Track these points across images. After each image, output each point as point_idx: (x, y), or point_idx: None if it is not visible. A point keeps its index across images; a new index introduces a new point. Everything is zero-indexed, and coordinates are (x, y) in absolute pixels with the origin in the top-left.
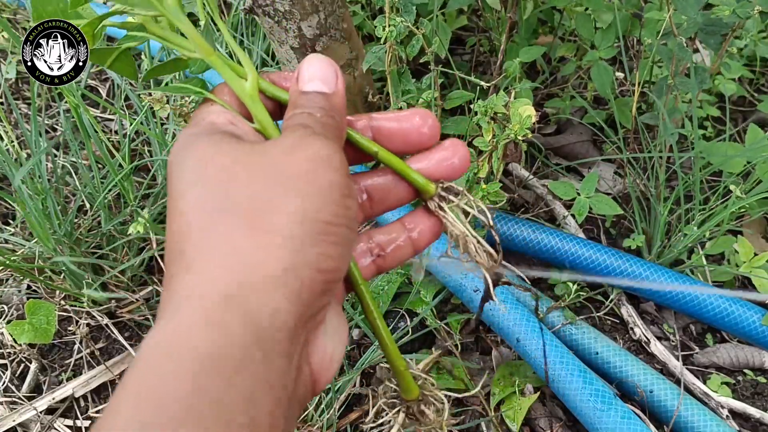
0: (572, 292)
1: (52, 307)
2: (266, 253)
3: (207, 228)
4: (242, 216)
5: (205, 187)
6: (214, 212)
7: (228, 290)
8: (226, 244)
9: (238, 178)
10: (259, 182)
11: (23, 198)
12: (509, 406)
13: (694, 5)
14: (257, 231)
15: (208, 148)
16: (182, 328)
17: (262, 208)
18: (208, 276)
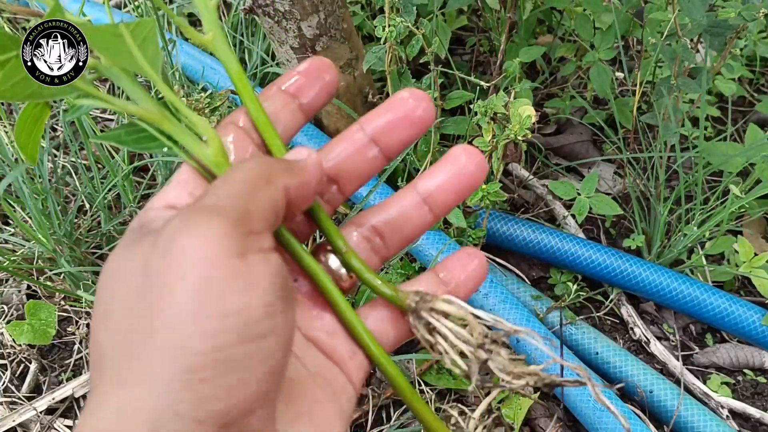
0: (572, 292)
1: (52, 308)
2: (132, 415)
3: (99, 372)
4: (117, 359)
5: (114, 319)
6: (104, 355)
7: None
8: (103, 400)
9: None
10: (140, 298)
11: (23, 198)
12: (509, 406)
13: (700, 7)
14: (125, 383)
15: (128, 260)
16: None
17: (137, 342)
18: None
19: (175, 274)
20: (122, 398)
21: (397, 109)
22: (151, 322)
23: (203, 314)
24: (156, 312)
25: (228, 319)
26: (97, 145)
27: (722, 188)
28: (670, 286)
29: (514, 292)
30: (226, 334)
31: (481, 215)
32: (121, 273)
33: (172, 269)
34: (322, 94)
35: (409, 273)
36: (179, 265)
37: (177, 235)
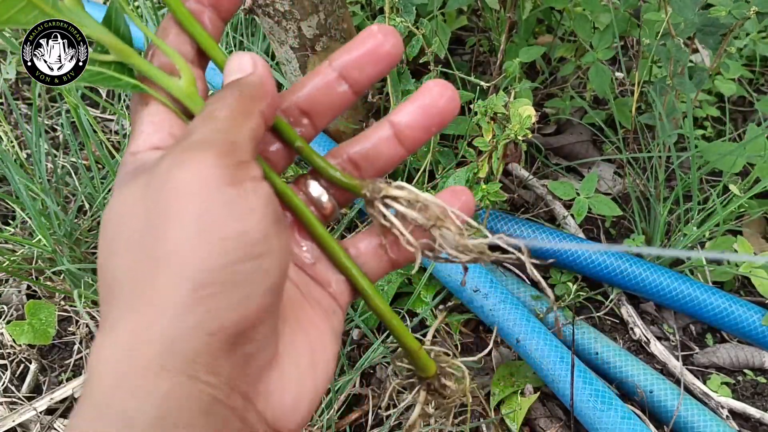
0: (572, 292)
1: (52, 308)
2: (146, 335)
3: (110, 303)
4: (128, 288)
5: (120, 253)
6: (113, 287)
7: (110, 386)
8: (117, 325)
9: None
10: (144, 231)
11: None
12: (509, 406)
13: (692, 6)
14: (138, 303)
15: (127, 200)
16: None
17: (145, 271)
18: (102, 358)
19: (176, 205)
20: (135, 321)
21: (365, 45)
22: (157, 250)
23: (206, 239)
24: (161, 241)
25: (228, 242)
26: (97, 145)
27: (720, 188)
28: (670, 286)
29: (514, 292)
30: (228, 254)
31: (481, 215)
32: (122, 211)
33: (171, 201)
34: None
35: (409, 273)
36: (178, 198)
37: (173, 170)
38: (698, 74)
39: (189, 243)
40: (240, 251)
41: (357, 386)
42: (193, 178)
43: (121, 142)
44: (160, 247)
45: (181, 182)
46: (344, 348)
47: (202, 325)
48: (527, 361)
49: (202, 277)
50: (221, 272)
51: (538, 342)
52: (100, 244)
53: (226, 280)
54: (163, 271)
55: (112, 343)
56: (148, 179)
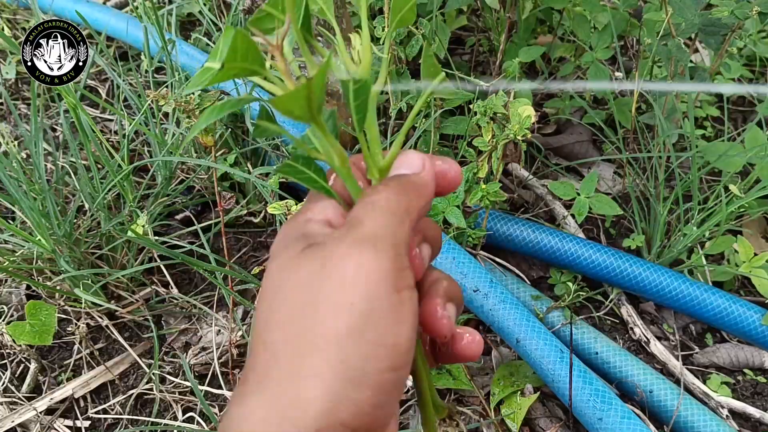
0: (572, 292)
1: (52, 308)
2: (302, 407)
3: (271, 364)
4: (289, 356)
5: (282, 325)
6: (275, 353)
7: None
8: (276, 390)
9: (303, 306)
10: (309, 313)
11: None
12: (509, 407)
13: (692, 7)
14: (296, 376)
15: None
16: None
17: (304, 348)
18: (256, 418)
19: (343, 298)
20: (291, 390)
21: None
22: (317, 332)
23: (364, 339)
24: (321, 326)
25: (382, 349)
26: (96, 145)
27: (720, 187)
28: (670, 286)
29: (514, 292)
30: (380, 360)
31: (481, 215)
32: (287, 284)
33: (339, 292)
34: None
35: None
36: (346, 291)
37: (346, 262)
38: (699, 74)
39: (347, 338)
40: (391, 360)
41: None
42: (363, 275)
43: (120, 142)
44: (321, 330)
45: (352, 276)
46: None
47: (349, 420)
48: (527, 361)
49: (353, 375)
50: (372, 376)
51: (538, 342)
52: (262, 305)
53: (373, 383)
54: (320, 354)
55: (267, 404)
56: (321, 262)
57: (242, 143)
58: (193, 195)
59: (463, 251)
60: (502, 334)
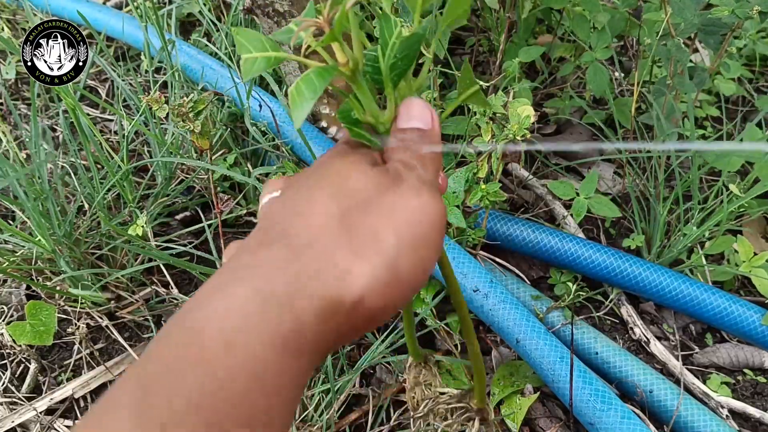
0: (572, 292)
1: (52, 308)
2: (351, 279)
3: (324, 231)
4: (352, 238)
5: (336, 199)
6: (334, 224)
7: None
8: (329, 254)
9: (363, 206)
10: (376, 219)
11: (22, 199)
12: (509, 406)
13: (691, 6)
14: (357, 255)
15: (356, 167)
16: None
17: (370, 242)
18: (300, 265)
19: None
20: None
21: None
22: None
23: (424, 258)
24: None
25: (430, 271)
26: (96, 146)
27: (719, 187)
28: (670, 286)
29: (513, 292)
30: (422, 275)
31: (481, 215)
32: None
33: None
34: None
35: None
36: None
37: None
38: (699, 74)
39: (406, 249)
40: (424, 273)
41: (357, 386)
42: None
43: (120, 142)
44: (389, 236)
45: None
46: (344, 348)
47: (385, 303)
48: (527, 361)
49: (400, 275)
50: (411, 282)
51: (538, 342)
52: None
53: (410, 289)
54: (382, 247)
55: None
56: (387, 186)
57: (242, 143)
58: (193, 195)
59: (463, 251)
60: (502, 334)
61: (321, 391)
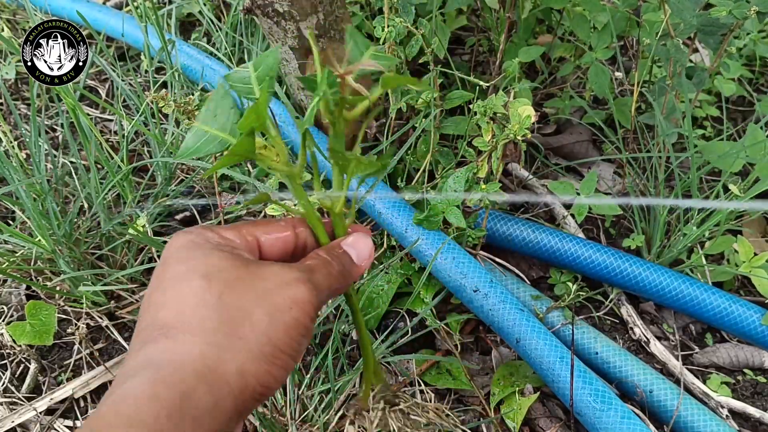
0: (572, 292)
1: (52, 308)
2: (232, 354)
3: (197, 314)
4: (226, 320)
5: (206, 286)
6: (207, 308)
7: (192, 370)
8: (209, 335)
9: (233, 291)
10: (249, 300)
11: (22, 199)
12: (509, 406)
13: (690, 7)
14: (233, 335)
15: (222, 260)
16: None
17: (242, 320)
18: (185, 349)
19: (289, 304)
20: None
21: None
22: (254, 313)
23: (293, 335)
24: (263, 309)
25: (300, 347)
26: (96, 146)
27: (719, 187)
28: (670, 286)
29: (513, 292)
30: (293, 350)
31: (481, 215)
32: (220, 267)
33: (286, 300)
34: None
35: (409, 273)
36: (296, 302)
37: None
38: (698, 74)
39: (278, 328)
40: (297, 353)
41: (357, 386)
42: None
43: (120, 142)
44: (260, 314)
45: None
46: (344, 348)
47: (264, 376)
48: (527, 361)
49: (275, 351)
50: (284, 355)
51: (538, 342)
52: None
53: (282, 360)
54: (256, 326)
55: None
56: (256, 269)
57: None
58: (193, 195)
59: (463, 251)
60: (502, 334)
61: (321, 392)
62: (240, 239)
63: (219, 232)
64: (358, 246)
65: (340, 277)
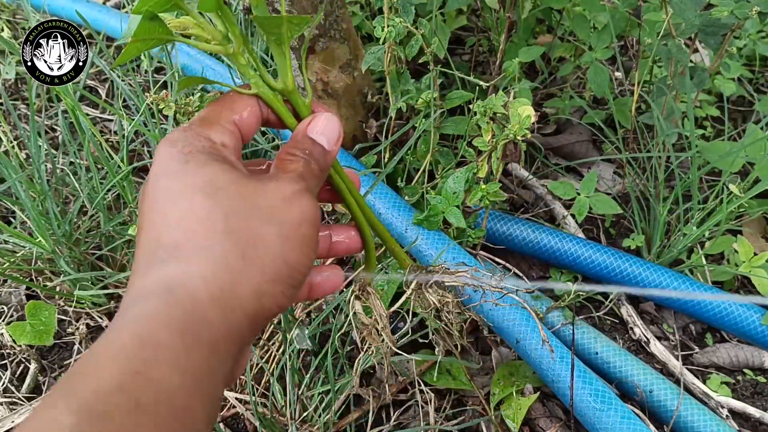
0: (572, 292)
1: (52, 308)
2: (247, 277)
3: (206, 236)
4: (237, 242)
5: (210, 205)
6: (216, 230)
7: (206, 293)
8: (220, 258)
9: (239, 211)
10: (256, 220)
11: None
12: (509, 406)
13: (692, 7)
14: (246, 258)
15: (220, 174)
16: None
17: (253, 241)
18: (197, 272)
19: (298, 219)
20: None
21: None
22: (264, 233)
23: (306, 251)
24: (273, 229)
25: (311, 262)
26: (96, 146)
27: (719, 187)
28: (670, 286)
29: (513, 292)
30: (305, 267)
31: (481, 215)
32: (219, 185)
33: (294, 216)
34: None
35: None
36: (303, 217)
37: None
38: (699, 74)
39: (291, 246)
40: (308, 269)
41: (357, 386)
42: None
43: (120, 142)
44: (270, 234)
45: (303, 211)
46: (344, 348)
47: (277, 296)
48: (527, 361)
49: (289, 270)
50: (297, 273)
51: (538, 342)
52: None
53: (295, 279)
54: (268, 247)
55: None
56: (255, 186)
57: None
58: None
59: (463, 251)
60: (502, 334)
61: (321, 392)
62: (227, 137)
63: (207, 133)
64: (326, 130)
65: (320, 173)
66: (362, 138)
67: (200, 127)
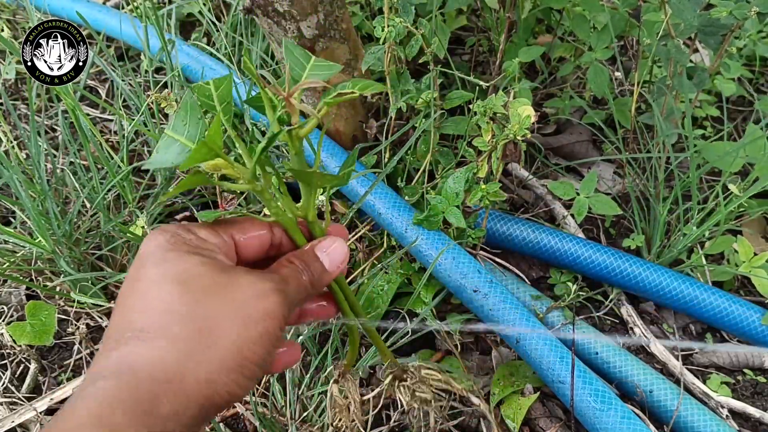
0: (572, 292)
1: (52, 308)
2: (202, 363)
3: (169, 321)
4: (197, 329)
5: (180, 293)
6: (179, 316)
7: (162, 375)
8: (179, 343)
9: (205, 300)
10: (220, 310)
11: (22, 200)
12: (509, 406)
13: (690, 8)
14: (202, 344)
15: (196, 266)
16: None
17: (213, 330)
18: (157, 355)
19: (263, 316)
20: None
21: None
22: (226, 322)
23: (264, 345)
24: (236, 319)
25: (268, 357)
26: (96, 146)
27: (719, 187)
28: (670, 286)
29: (514, 292)
30: (262, 361)
31: (481, 215)
32: (195, 273)
33: (260, 311)
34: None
35: (409, 273)
36: (269, 315)
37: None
38: (698, 74)
39: (250, 339)
40: (265, 363)
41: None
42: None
43: (120, 142)
44: (232, 323)
45: (271, 311)
46: (344, 348)
47: (231, 385)
48: (527, 361)
49: (244, 361)
50: (252, 365)
51: (538, 342)
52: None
53: (250, 370)
54: (228, 336)
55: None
56: (229, 279)
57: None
58: (193, 195)
59: (463, 251)
60: (501, 334)
61: (321, 392)
62: (217, 239)
63: (196, 231)
64: (332, 251)
65: (310, 286)
66: (362, 138)
67: (194, 225)
